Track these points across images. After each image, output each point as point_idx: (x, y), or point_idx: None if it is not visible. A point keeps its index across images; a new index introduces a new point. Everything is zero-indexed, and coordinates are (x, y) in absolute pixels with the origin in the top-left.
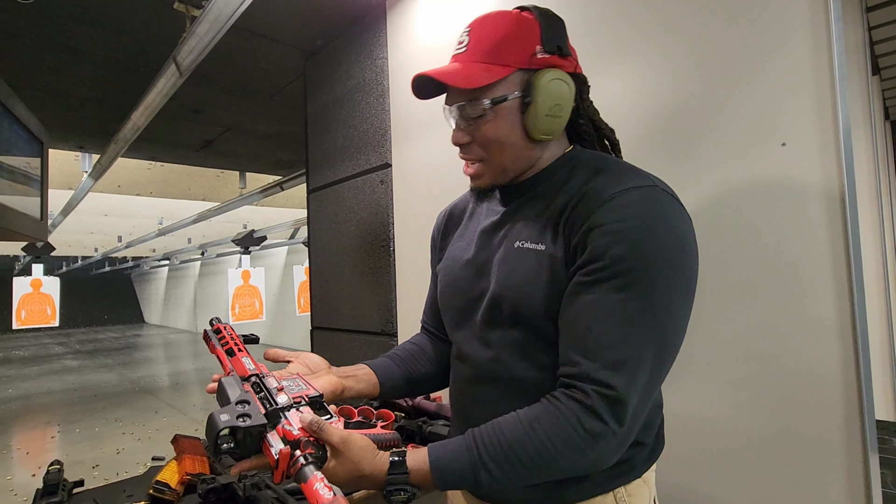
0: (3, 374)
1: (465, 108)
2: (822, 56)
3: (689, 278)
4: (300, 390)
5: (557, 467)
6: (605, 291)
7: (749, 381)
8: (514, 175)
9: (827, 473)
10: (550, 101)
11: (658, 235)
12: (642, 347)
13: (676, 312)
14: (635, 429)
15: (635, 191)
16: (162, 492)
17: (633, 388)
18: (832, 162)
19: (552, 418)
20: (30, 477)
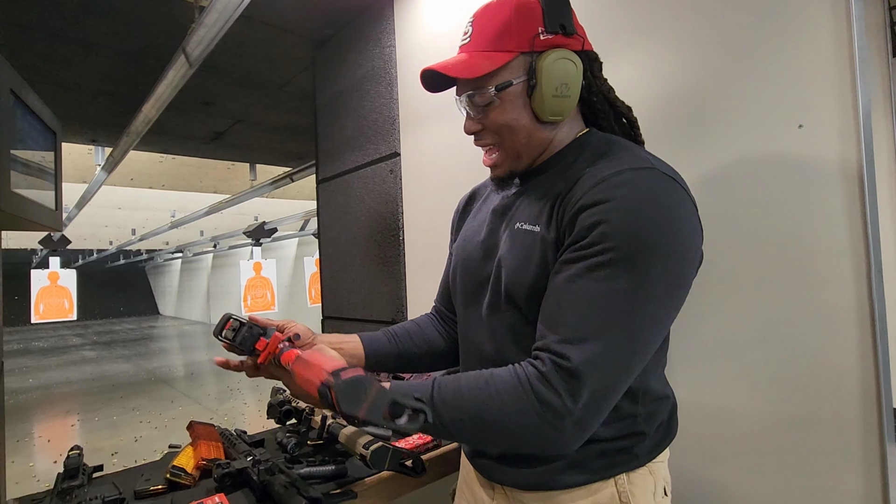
0: (24, 364)
1: (474, 97)
2: (841, 36)
3: (679, 265)
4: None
5: (505, 428)
6: (583, 270)
7: (764, 368)
8: (530, 159)
9: (843, 463)
10: (556, 81)
11: (645, 217)
12: (609, 330)
13: (658, 300)
14: (596, 415)
15: (629, 172)
16: (178, 476)
17: (591, 367)
18: (851, 145)
19: (508, 377)
20: (51, 464)
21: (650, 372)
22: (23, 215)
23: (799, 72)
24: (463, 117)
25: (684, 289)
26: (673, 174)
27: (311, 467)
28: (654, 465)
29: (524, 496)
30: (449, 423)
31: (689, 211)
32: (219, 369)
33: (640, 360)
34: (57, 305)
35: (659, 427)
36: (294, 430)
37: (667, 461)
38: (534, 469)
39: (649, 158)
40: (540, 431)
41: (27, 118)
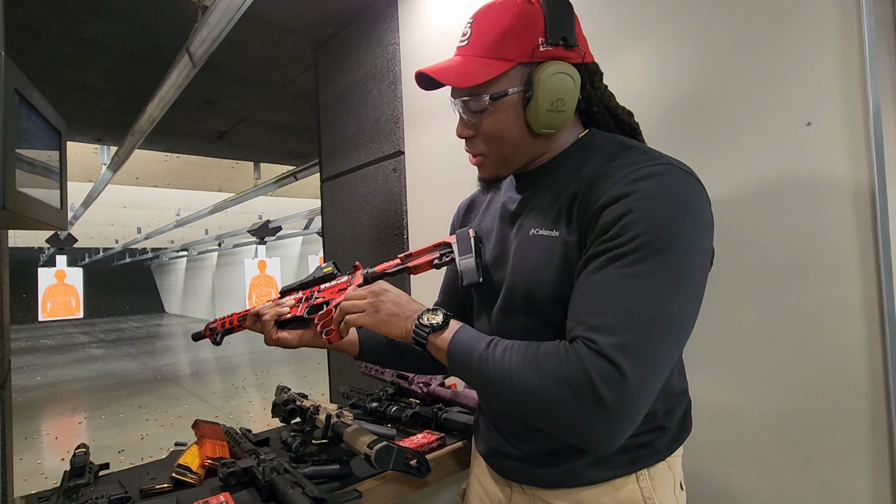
0: (31, 362)
1: (469, 103)
2: (850, 33)
3: (700, 255)
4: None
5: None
6: (607, 261)
7: (771, 367)
8: (519, 165)
9: (851, 461)
10: (552, 97)
11: (668, 207)
12: (636, 317)
13: (683, 288)
14: (634, 404)
15: (648, 167)
16: (184, 475)
17: (621, 352)
18: (860, 142)
19: (552, 347)
20: (59, 461)
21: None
22: (28, 214)
23: (807, 69)
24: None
25: (704, 279)
26: (688, 170)
27: (316, 466)
28: (672, 460)
29: (546, 494)
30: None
31: (706, 205)
32: (223, 368)
33: (672, 349)
34: (64, 303)
35: (677, 422)
36: (298, 429)
37: (681, 455)
38: (557, 468)
39: (664, 155)
40: (572, 408)
41: (32, 118)
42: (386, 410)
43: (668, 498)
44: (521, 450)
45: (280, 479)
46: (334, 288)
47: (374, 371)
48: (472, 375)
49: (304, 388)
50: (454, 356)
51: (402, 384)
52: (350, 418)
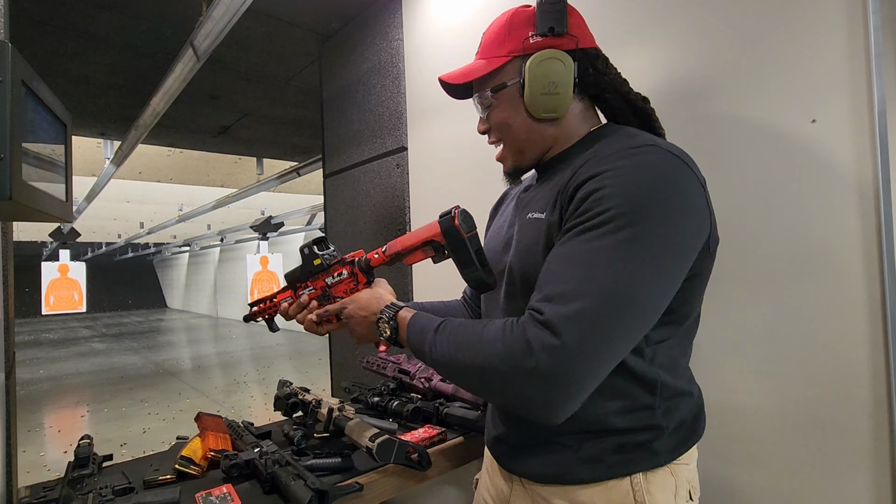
0: (35, 356)
1: (478, 99)
2: (857, 29)
3: (676, 234)
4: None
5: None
6: (574, 234)
7: (773, 365)
8: (534, 155)
9: (853, 460)
10: (543, 80)
11: (642, 182)
12: (588, 286)
13: (646, 263)
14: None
15: (629, 149)
16: (187, 466)
17: (565, 321)
18: (865, 140)
19: (498, 322)
20: (62, 454)
21: (668, 362)
22: (34, 206)
23: (812, 66)
24: (476, 118)
25: (680, 261)
26: (678, 152)
27: (318, 459)
28: (676, 467)
29: (541, 489)
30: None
31: (693, 187)
32: (224, 363)
33: (627, 326)
34: (67, 297)
35: (682, 425)
36: (300, 422)
37: (693, 464)
38: (548, 459)
39: (654, 139)
40: (512, 380)
41: (38, 110)
42: (387, 405)
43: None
44: (516, 436)
45: (282, 471)
46: (341, 287)
47: (375, 366)
48: (427, 361)
49: (305, 383)
50: (414, 347)
51: (403, 379)
52: (352, 412)
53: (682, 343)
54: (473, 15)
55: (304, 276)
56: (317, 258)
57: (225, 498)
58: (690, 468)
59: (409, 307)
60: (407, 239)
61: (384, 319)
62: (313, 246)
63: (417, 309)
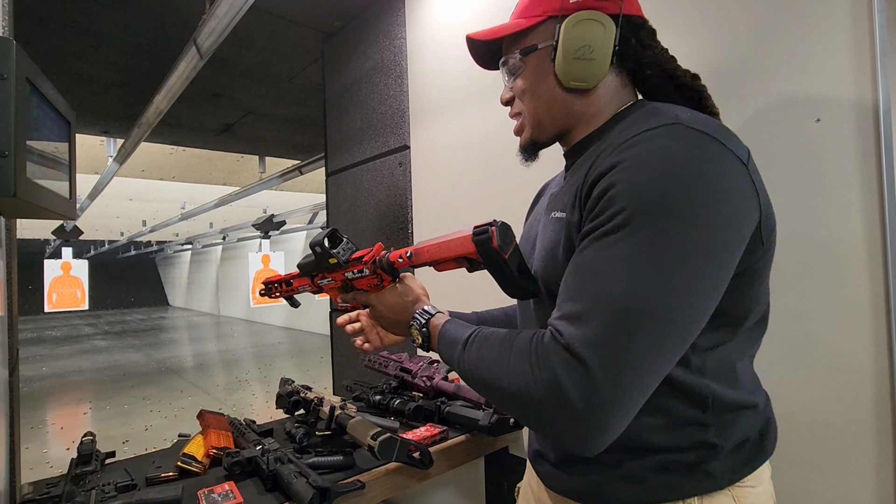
0: (37, 353)
1: (506, 63)
2: (862, 28)
3: (704, 231)
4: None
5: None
6: (590, 241)
7: (775, 365)
8: (554, 129)
9: (855, 460)
10: (577, 43)
11: (657, 174)
12: (608, 307)
13: (673, 270)
14: (609, 408)
15: (647, 132)
16: (189, 463)
17: (585, 344)
18: (869, 139)
19: (525, 339)
20: (64, 450)
21: (724, 371)
22: (39, 203)
23: (817, 65)
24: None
25: (716, 260)
26: (708, 127)
27: (320, 457)
28: (740, 490)
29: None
30: (469, 360)
31: (727, 167)
32: (226, 361)
33: (656, 344)
34: (69, 295)
35: (744, 442)
36: (302, 420)
37: (763, 486)
38: (587, 476)
39: (679, 114)
40: (541, 409)
41: (42, 107)
42: (389, 403)
43: None
44: (555, 451)
45: (284, 468)
46: (363, 282)
47: (377, 364)
48: (460, 374)
49: (307, 381)
50: (444, 358)
51: (405, 378)
52: (354, 410)
53: (743, 346)
54: (476, 13)
55: (319, 270)
56: (332, 257)
57: (227, 495)
58: (759, 491)
59: (442, 313)
60: (437, 250)
61: (415, 327)
62: (324, 243)
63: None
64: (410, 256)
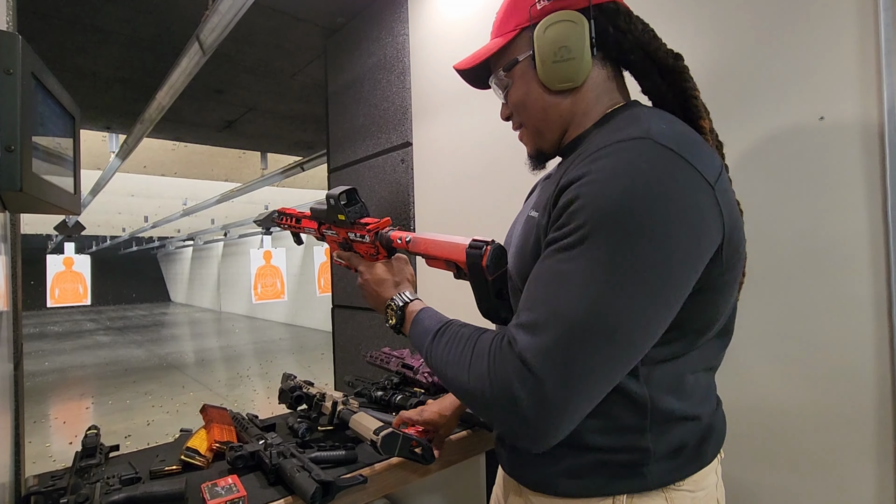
0: (40, 348)
1: (495, 82)
2: (867, 26)
3: (660, 249)
4: None
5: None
6: (552, 252)
7: (777, 362)
8: (553, 136)
9: (857, 457)
10: (553, 47)
11: (617, 190)
12: (561, 319)
13: (627, 287)
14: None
15: (616, 144)
16: (192, 457)
17: (537, 355)
18: (874, 138)
19: (487, 339)
20: (67, 445)
21: (672, 382)
22: (44, 198)
23: (821, 63)
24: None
25: (672, 278)
26: (678, 146)
27: (322, 452)
28: (675, 493)
29: (532, 496)
30: (437, 352)
31: (690, 187)
32: (227, 356)
33: (608, 354)
34: (71, 290)
35: (680, 449)
36: (305, 415)
37: (703, 490)
38: (536, 467)
39: (651, 127)
40: (495, 409)
41: (48, 102)
42: (391, 399)
43: None
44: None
45: (287, 462)
46: (361, 247)
47: (379, 360)
48: (427, 363)
49: (308, 377)
50: (415, 345)
51: (407, 373)
52: (356, 406)
53: (697, 360)
54: (480, 9)
55: (327, 221)
56: (341, 213)
57: (230, 488)
58: (697, 496)
59: (420, 300)
60: (432, 246)
61: (392, 308)
62: (339, 198)
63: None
64: (408, 242)
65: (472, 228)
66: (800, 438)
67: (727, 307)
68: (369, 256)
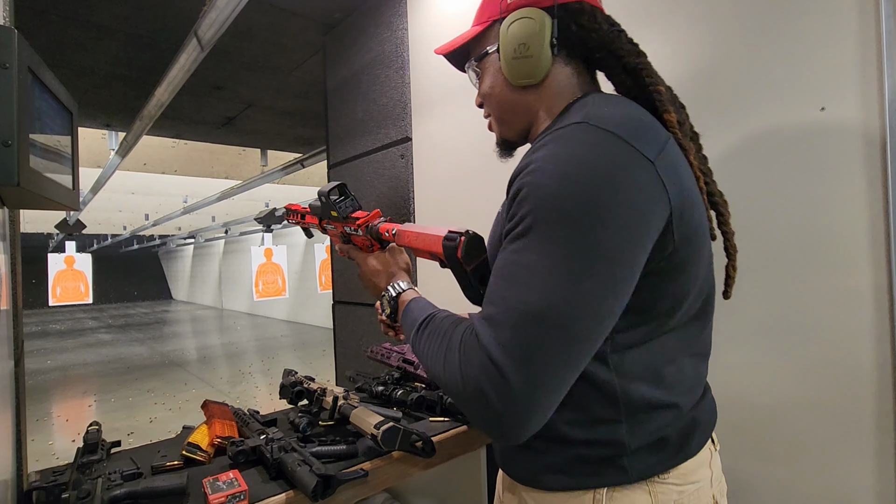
0: (42, 346)
1: (469, 70)
2: (868, 17)
3: (603, 233)
4: None
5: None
6: (505, 245)
7: (776, 356)
8: (518, 127)
9: (856, 449)
10: (513, 43)
11: (556, 177)
12: (516, 312)
13: (576, 275)
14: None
15: (557, 131)
16: (194, 452)
17: (498, 348)
18: (875, 129)
19: (460, 331)
20: (70, 442)
21: (643, 370)
22: (42, 193)
23: (822, 53)
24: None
25: (619, 262)
26: (615, 127)
27: (323, 446)
28: (659, 486)
29: (523, 490)
30: (420, 343)
31: (627, 169)
32: (229, 354)
33: (565, 343)
34: (73, 289)
35: (662, 442)
36: (306, 410)
37: (692, 485)
38: (523, 462)
39: (591, 112)
40: (468, 402)
41: (45, 97)
42: (392, 394)
43: None
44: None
45: (288, 457)
46: (358, 240)
47: (380, 356)
48: (414, 353)
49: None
50: (406, 334)
51: (407, 369)
52: (357, 401)
53: (672, 345)
54: (477, 3)
55: (324, 217)
56: (333, 209)
57: (232, 483)
58: (684, 489)
59: (413, 289)
60: (415, 238)
61: (386, 298)
62: (330, 195)
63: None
64: (394, 234)
65: (472, 223)
66: (798, 431)
67: (692, 286)
68: (366, 248)
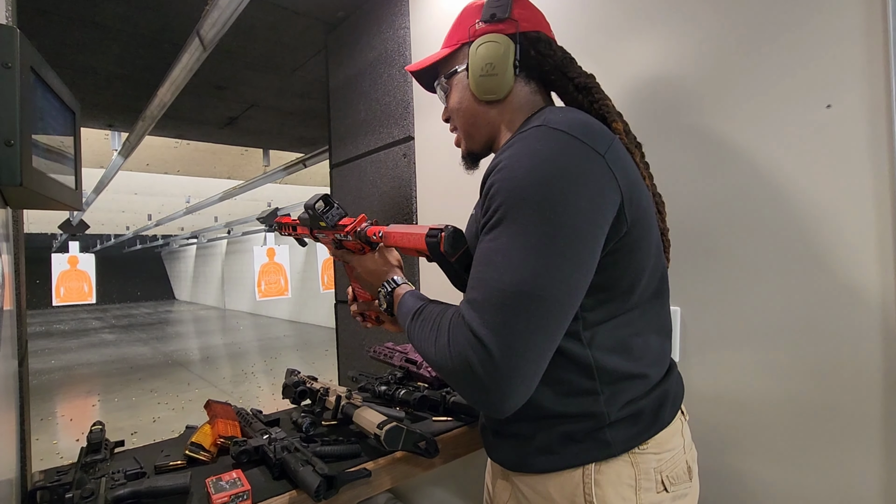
0: (46, 346)
1: (438, 87)
2: (875, 13)
3: (563, 217)
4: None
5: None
6: (484, 234)
7: (782, 354)
8: (482, 139)
9: (864, 449)
10: (480, 63)
11: (521, 171)
12: (495, 293)
13: (544, 255)
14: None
15: (520, 134)
16: (197, 452)
17: (482, 326)
18: (882, 126)
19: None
20: (74, 442)
21: (614, 344)
22: (45, 193)
23: (828, 51)
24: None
25: (580, 242)
26: (569, 128)
27: (326, 446)
28: (639, 457)
29: (514, 476)
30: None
31: (581, 161)
32: (232, 353)
33: (540, 322)
34: (77, 289)
35: (638, 413)
36: (309, 410)
37: (668, 452)
38: (512, 447)
39: (548, 117)
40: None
41: (47, 97)
42: (394, 394)
43: (615, 498)
44: (490, 423)
45: (291, 457)
46: (350, 244)
47: (382, 355)
48: (410, 342)
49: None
50: (401, 325)
51: (410, 368)
52: (359, 401)
53: (637, 322)
54: None
55: (314, 227)
56: (321, 220)
57: (234, 482)
58: (662, 457)
59: (407, 284)
60: (401, 238)
61: (383, 293)
62: (317, 207)
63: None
64: (381, 237)
65: None
66: (804, 430)
67: (647, 263)
68: (358, 251)
